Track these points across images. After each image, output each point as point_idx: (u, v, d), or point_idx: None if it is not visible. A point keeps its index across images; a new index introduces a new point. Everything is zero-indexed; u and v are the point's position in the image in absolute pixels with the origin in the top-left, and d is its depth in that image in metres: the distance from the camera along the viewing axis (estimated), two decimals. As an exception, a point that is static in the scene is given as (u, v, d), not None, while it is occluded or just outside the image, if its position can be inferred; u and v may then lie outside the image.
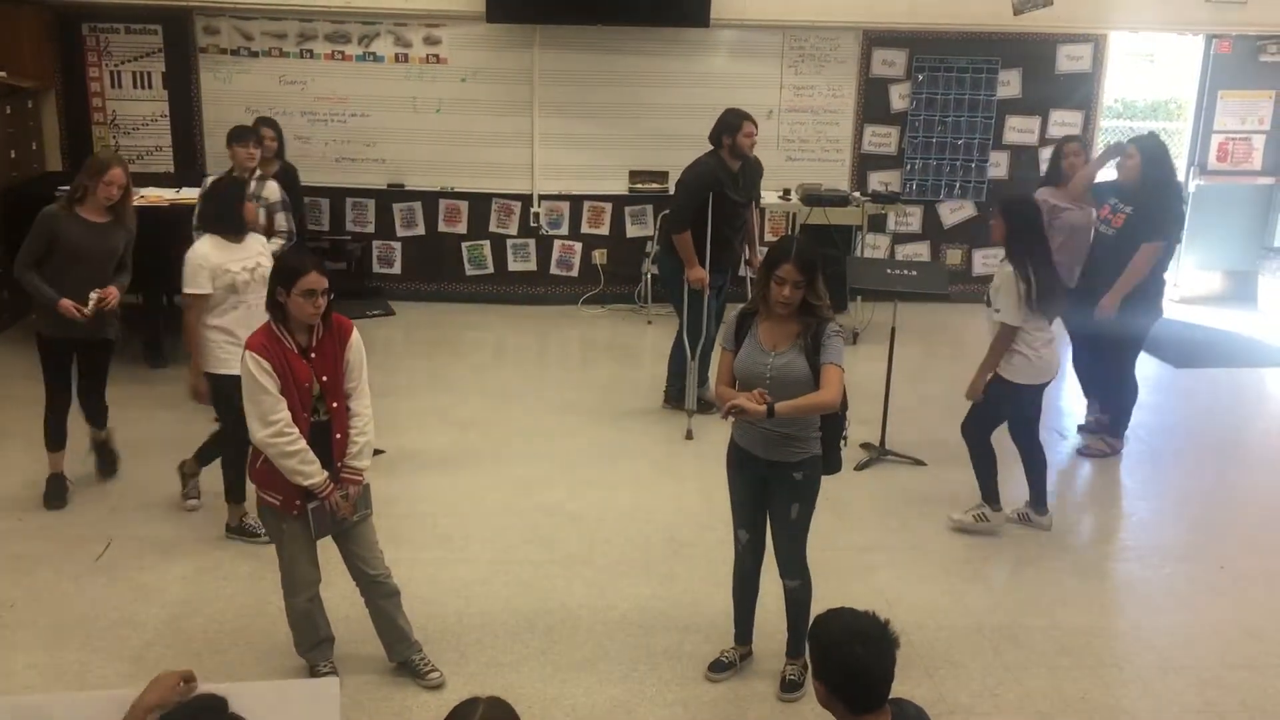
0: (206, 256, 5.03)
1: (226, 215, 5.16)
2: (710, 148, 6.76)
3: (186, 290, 5.05)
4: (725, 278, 6.95)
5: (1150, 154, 6.16)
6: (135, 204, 7.60)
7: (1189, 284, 10.11)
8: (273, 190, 6.60)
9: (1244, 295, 10.02)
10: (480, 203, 9.42)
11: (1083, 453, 6.64)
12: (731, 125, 6.68)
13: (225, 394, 4.91)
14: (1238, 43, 9.58)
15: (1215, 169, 9.89)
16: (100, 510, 5.58)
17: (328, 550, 4.18)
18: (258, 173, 6.70)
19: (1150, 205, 6.09)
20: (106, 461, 5.97)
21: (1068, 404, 7.89)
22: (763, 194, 7.63)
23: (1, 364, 7.68)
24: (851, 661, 2.59)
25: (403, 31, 9.15)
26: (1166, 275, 6.55)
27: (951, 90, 9.49)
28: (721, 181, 6.67)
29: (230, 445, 5.23)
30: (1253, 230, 10.04)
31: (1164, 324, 6.72)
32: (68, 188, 5.54)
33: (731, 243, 6.89)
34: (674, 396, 7.05)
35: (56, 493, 5.64)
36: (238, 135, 6.67)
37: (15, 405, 6.87)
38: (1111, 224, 6.26)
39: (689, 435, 6.72)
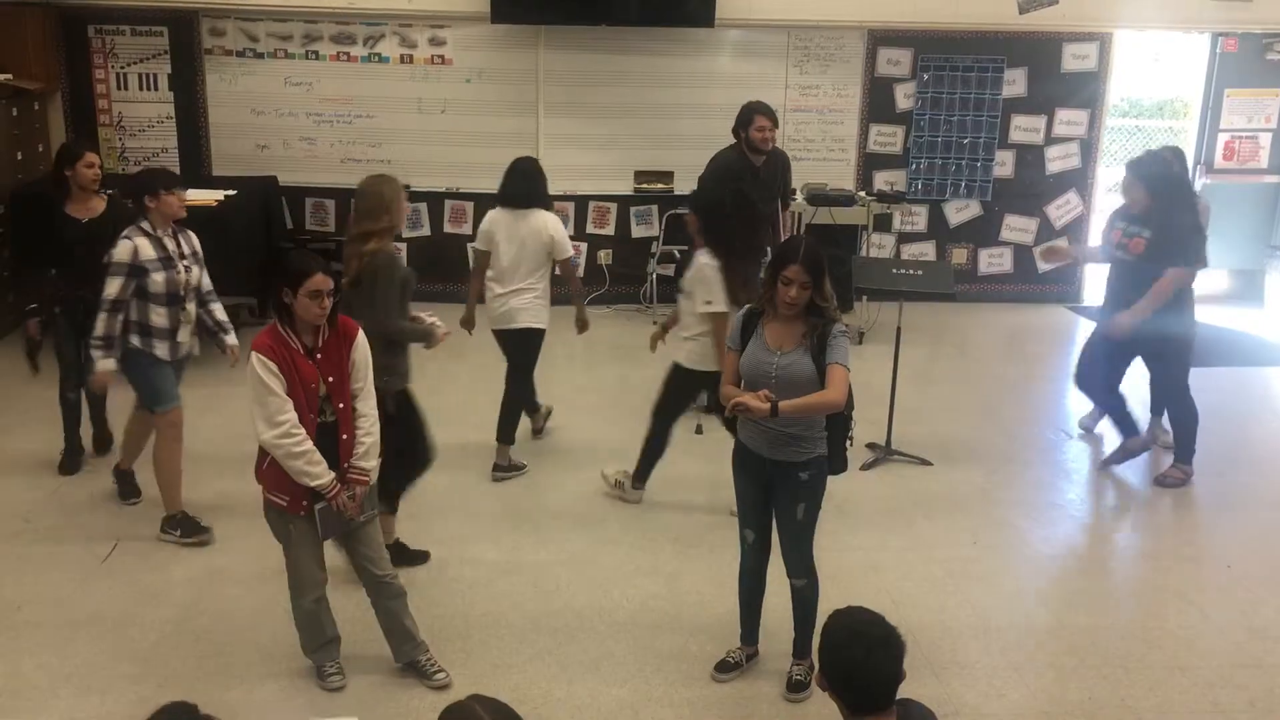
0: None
1: None
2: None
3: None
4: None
5: (1152, 178, 5.96)
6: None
7: (1196, 283, 10.07)
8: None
9: (1250, 294, 10.00)
10: (486, 203, 9.32)
11: (1160, 483, 6.22)
12: (744, 119, 6.66)
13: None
14: (1244, 41, 9.56)
15: (1222, 168, 9.87)
16: (107, 512, 5.58)
17: (335, 551, 4.19)
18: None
19: (1170, 228, 5.84)
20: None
21: (1073, 405, 7.89)
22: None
23: (10, 364, 7.68)
24: (853, 664, 2.59)
25: (408, 32, 9.16)
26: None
27: (957, 89, 9.48)
28: (739, 176, 6.63)
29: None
30: (1259, 229, 10.01)
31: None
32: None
33: (759, 241, 6.70)
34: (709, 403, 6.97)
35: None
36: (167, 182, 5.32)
37: (23, 405, 6.88)
38: (1129, 249, 6.00)
39: (699, 430, 6.74)
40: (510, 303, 6.00)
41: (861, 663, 2.58)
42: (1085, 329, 9.34)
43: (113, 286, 5.05)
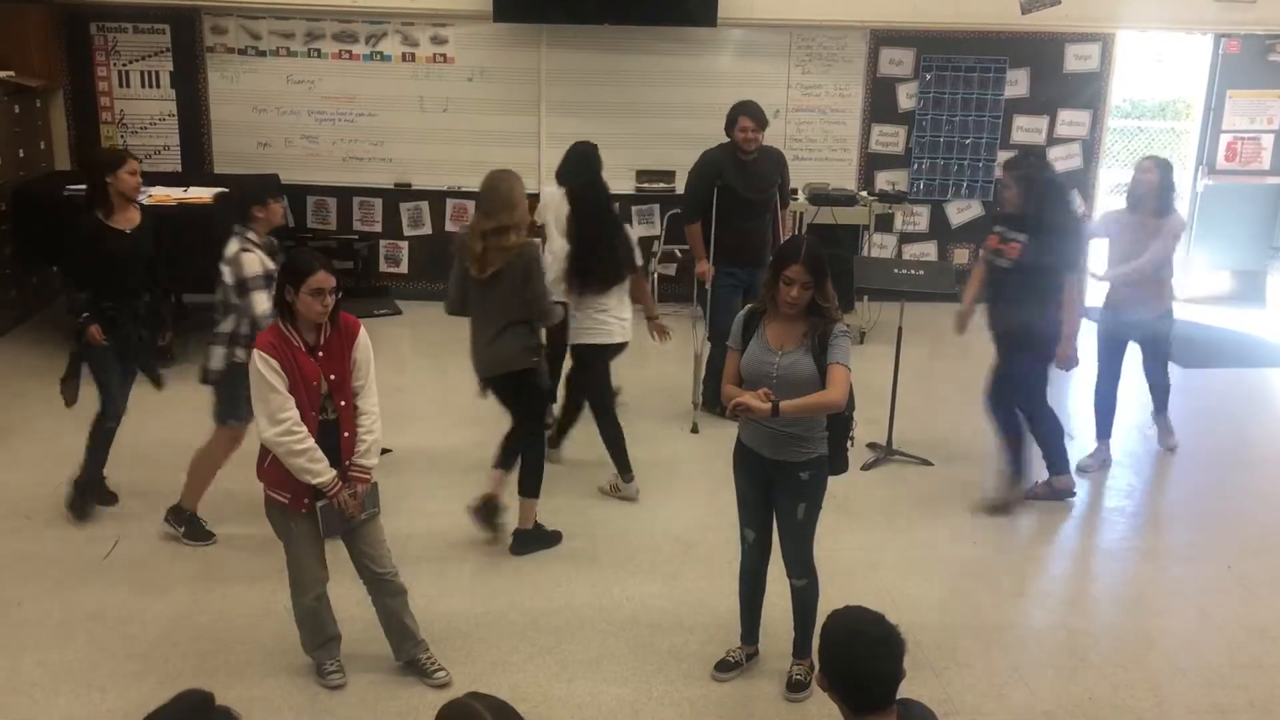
0: None
1: None
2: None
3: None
4: (745, 275, 6.67)
5: (1024, 179, 5.70)
6: (143, 203, 7.70)
7: (1197, 284, 10.08)
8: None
9: (1252, 295, 9.99)
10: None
11: (1028, 496, 5.96)
12: (730, 119, 6.64)
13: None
14: (1246, 42, 9.55)
15: (1224, 168, 9.86)
16: (108, 509, 5.58)
17: (335, 549, 4.19)
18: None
19: (1050, 235, 5.57)
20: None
21: (1074, 406, 7.88)
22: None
23: (12, 361, 7.70)
24: (854, 663, 2.59)
25: (410, 31, 9.16)
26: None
27: (959, 89, 9.47)
28: (724, 174, 6.62)
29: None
30: (1261, 230, 10.00)
31: (1172, 324, 6.65)
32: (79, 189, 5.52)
33: (748, 239, 6.73)
34: (709, 401, 6.99)
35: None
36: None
37: (25, 403, 6.89)
38: (1005, 254, 5.65)
39: (694, 429, 6.73)
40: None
41: (862, 662, 2.57)
42: (1086, 329, 9.33)
43: (263, 302, 4.87)
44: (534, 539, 5.32)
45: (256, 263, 4.99)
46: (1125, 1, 9.24)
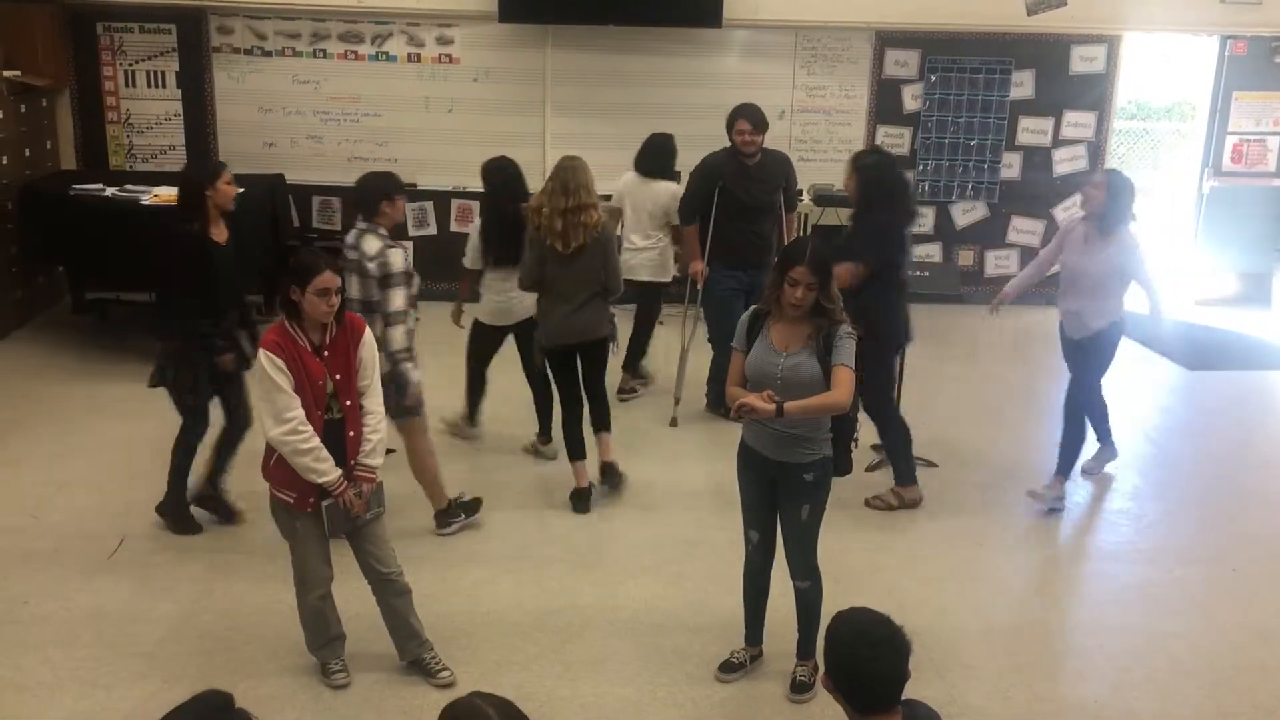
0: None
1: None
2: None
3: None
4: (747, 278, 6.64)
5: (863, 169, 5.75)
6: (149, 203, 7.73)
7: (1203, 286, 10.07)
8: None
9: (1258, 297, 9.98)
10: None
11: (868, 503, 5.88)
12: (728, 122, 6.62)
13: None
14: (1253, 44, 9.54)
15: (1229, 171, 9.85)
16: (114, 508, 5.59)
17: (339, 548, 4.19)
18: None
19: (862, 224, 5.69)
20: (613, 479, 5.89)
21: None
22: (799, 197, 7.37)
23: (17, 361, 7.72)
24: (859, 665, 2.59)
25: (415, 31, 9.16)
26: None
27: (964, 91, 9.46)
28: (724, 176, 6.61)
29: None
30: (1267, 232, 9.98)
31: (1177, 326, 6.65)
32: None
33: (750, 242, 6.70)
34: (714, 402, 7.00)
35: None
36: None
37: (31, 402, 6.91)
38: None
39: (674, 423, 6.82)
40: (631, 260, 7.05)
41: (868, 663, 2.57)
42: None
43: (400, 298, 5.00)
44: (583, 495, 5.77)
45: (400, 259, 5.06)
46: (1131, 3, 9.23)
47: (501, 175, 6.10)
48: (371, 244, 5.06)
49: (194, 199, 5.14)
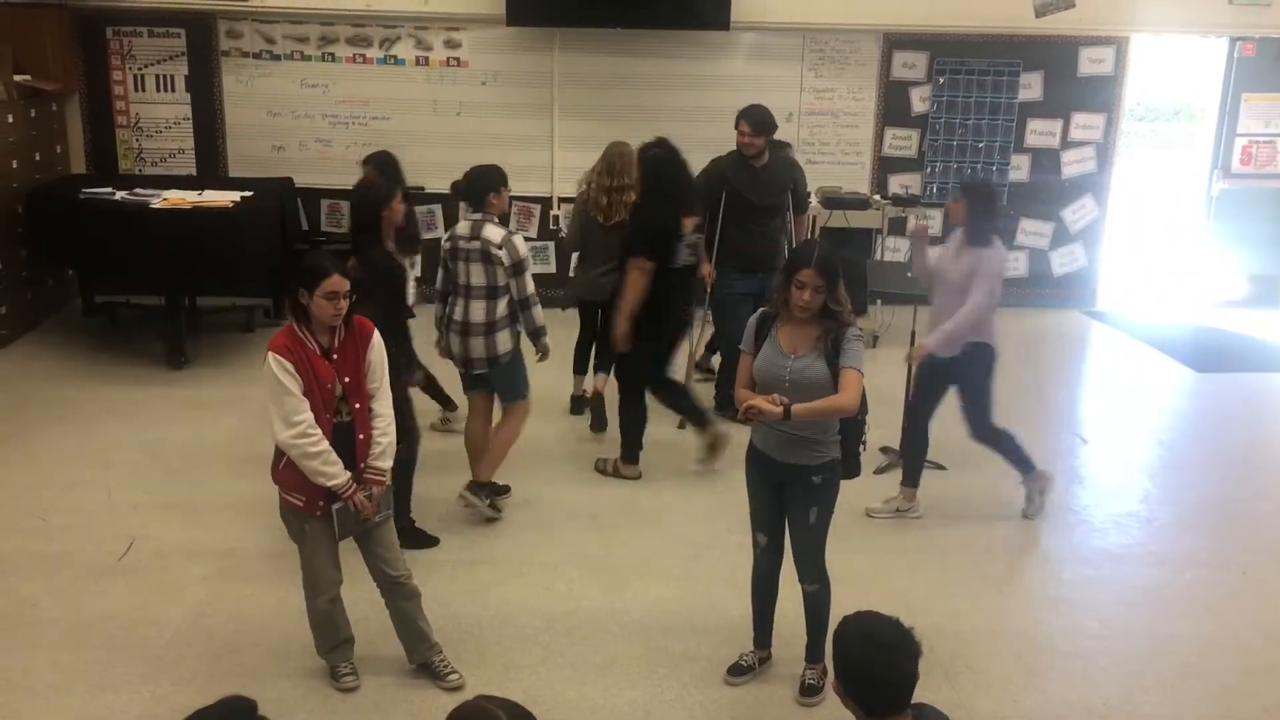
0: None
1: None
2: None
3: None
4: (755, 281, 6.66)
5: (646, 161, 5.91)
6: (158, 207, 7.75)
7: (1213, 288, 10.04)
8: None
9: (1268, 299, 9.95)
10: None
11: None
12: (735, 123, 6.65)
13: None
14: (1262, 45, 9.51)
15: (1239, 172, 9.82)
16: (123, 510, 5.61)
17: (349, 551, 4.20)
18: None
19: (638, 219, 5.89)
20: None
21: (1088, 410, 7.88)
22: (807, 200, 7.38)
23: (27, 364, 7.74)
24: (870, 667, 2.59)
25: (423, 35, 9.18)
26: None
27: (972, 93, 9.46)
28: (728, 179, 6.61)
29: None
30: (1277, 233, 9.93)
31: (1186, 328, 6.63)
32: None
33: (758, 244, 6.72)
34: (721, 405, 6.99)
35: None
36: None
37: (40, 405, 6.93)
38: None
39: (681, 425, 6.78)
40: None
41: (879, 665, 2.57)
42: (1100, 333, 9.34)
43: (532, 280, 5.40)
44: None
45: (524, 244, 5.39)
46: (1140, 4, 9.21)
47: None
48: (494, 232, 5.33)
49: (373, 219, 5.20)
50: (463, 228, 5.41)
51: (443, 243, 5.54)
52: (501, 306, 5.36)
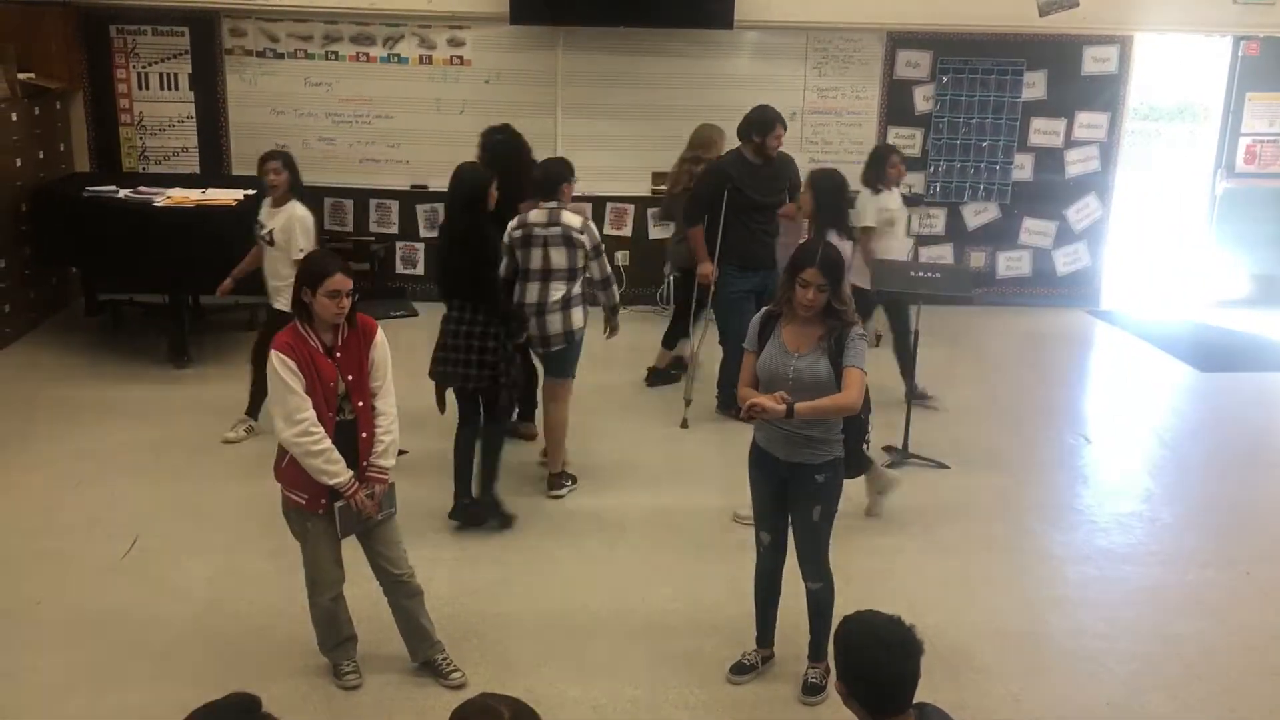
0: None
1: None
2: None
3: None
4: (757, 279, 6.68)
5: (492, 145, 6.20)
6: (162, 204, 7.75)
7: (1216, 288, 10.04)
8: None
9: (1272, 298, 9.93)
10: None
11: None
12: (763, 125, 6.61)
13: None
14: (1266, 44, 9.50)
15: (1243, 172, 9.81)
16: (126, 508, 5.62)
17: (352, 550, 4.20)
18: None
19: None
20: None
21: (1091, 409, 7.87)
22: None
23: (31, 363, 7.75)
24: (873, 666, 2.59)
25: (427, 33, 9.18)
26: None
27: (976, 92, 9.45)
28: (734, 177, 6.63)
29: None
30: (1280, 233, 9.95)
31: (1190, 328, 6.63)
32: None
33: (760, 242, 6.73)
34: (724, 404, 7.00)
35: None
36: None
37: (45, 404, 6.94)
38: None
39: (684, 424, 6.81)
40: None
41: (881, 664, 2.57)
42: (1103, 333, 9.34)
43: (607, 264, 5.84)
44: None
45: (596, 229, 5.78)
46: (1144, 4, 9.20)
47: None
48: (572, 218, 5.66)
49: (484, 196, 5.41)
50: (537, 215, 5.63)
51: (511, 231, 5.65)
52: (577, 286, 5.70)
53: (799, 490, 4.08)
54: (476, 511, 5.49)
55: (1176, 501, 6.16)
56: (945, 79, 9.43)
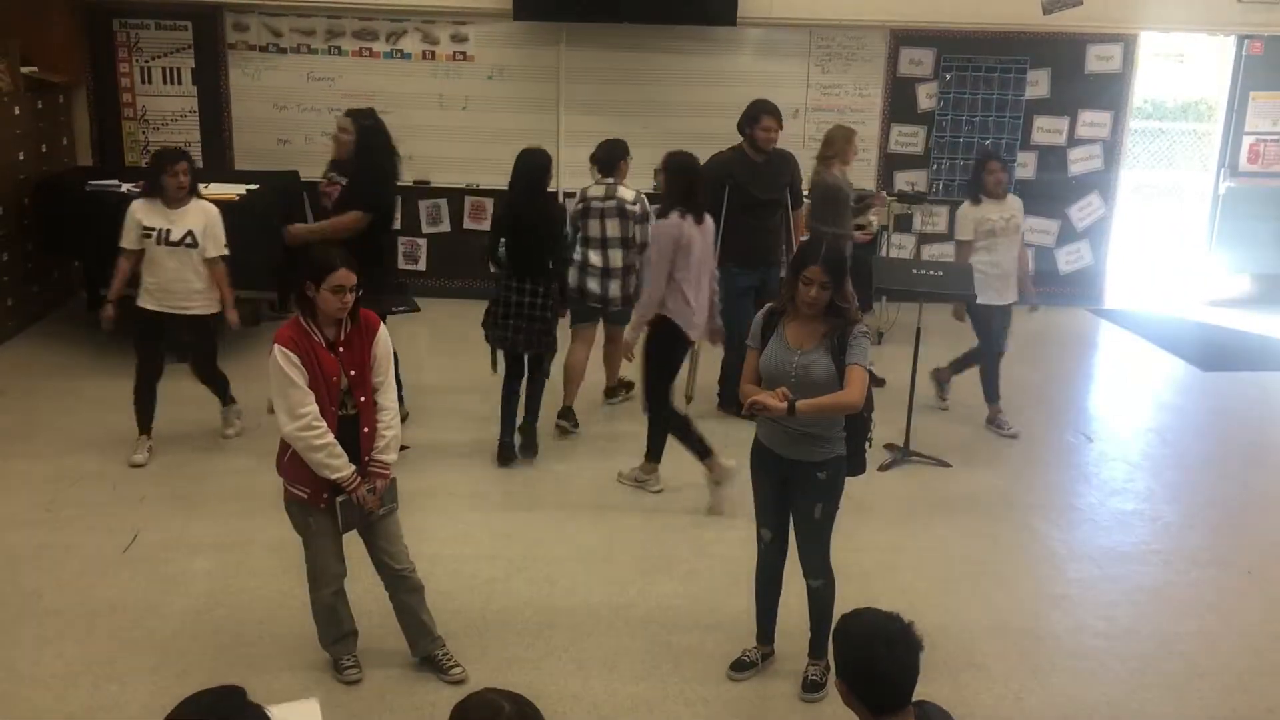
0: None
1: None
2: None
3: None
4: (756, 276, 6.72)
5: (363, 133, 6.30)
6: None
7: (1218, 287, 10.03)
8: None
9: (1274, 298, 9.93)
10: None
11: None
12: (751, 117, 6.67)
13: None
14: (1270, 43, 9.48)
15: (1246, 171, 9.80)
16: (128, 502, 5.62)
17: (353, 544, 4.20)
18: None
19: (359, 179, 6.22)
20: None
21: (1094, 408, 7.87)
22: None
23: (33, 355, 7.76)
24: (873, 663, 2.58)
25: (430, 29, 9.18)
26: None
27: (979, 90, 9.44)
28: (735, 174, 6.63)
29: None
30: (1283, 233, 9.93)
31: (1192, 327, 6.63)
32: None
33: (762, 240, 6.75)
34: (725, 401, 7.00)
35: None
36: None
37: (47, 397, 6.94)
38: (330, 196, 6.58)
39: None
40: None
41: (880, 661, 2.57)
42: (1106, 331, 9.34)
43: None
44: None
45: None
46: (1147, 2, 9.20)
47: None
48: (627, 192, 6.48)
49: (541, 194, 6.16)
50: (596, 190, 6.47)
51: (574, 205, 6.57)
52: (631, 254, 6.47)
53: (801, 487, 4.08)
54: (525, 445, 6.27)
55: (1178, 500, 6.16)
56: (948, 77, 9.42)
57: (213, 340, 6.29)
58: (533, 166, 6.07)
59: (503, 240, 6.06)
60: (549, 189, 6.38)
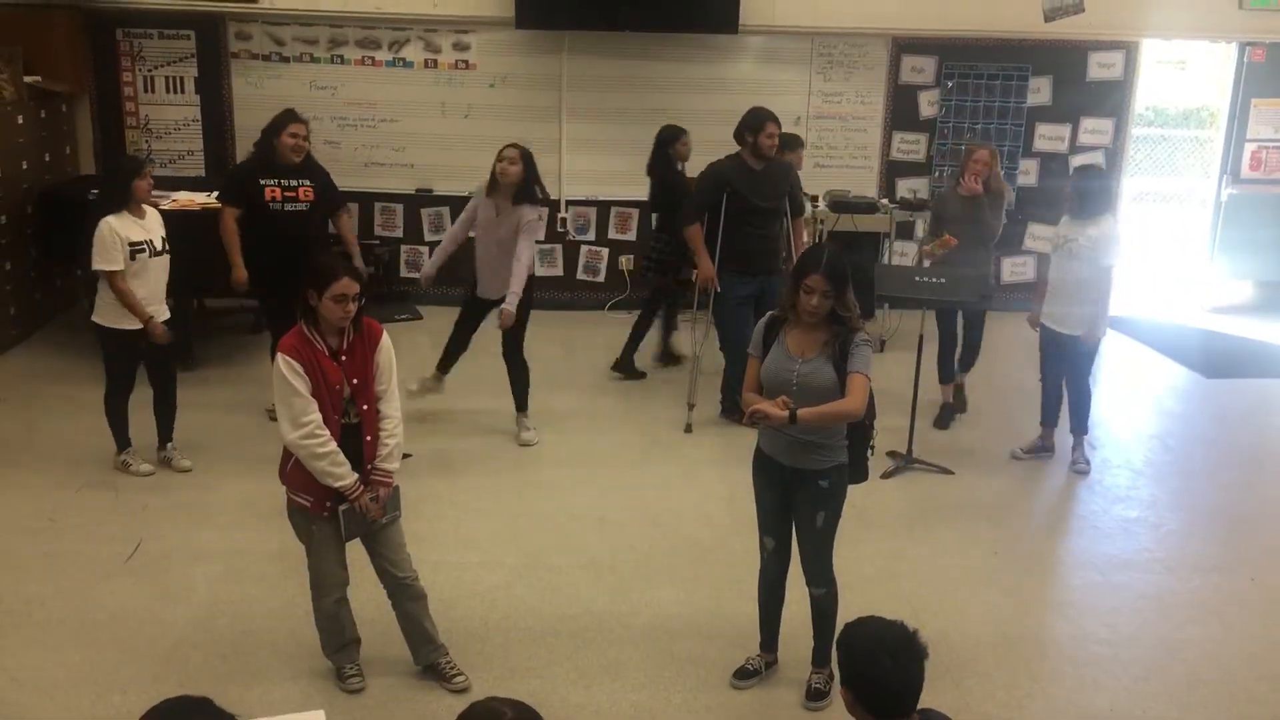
0: None
1: None
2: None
3: None
4: (755, 285, 6.70)
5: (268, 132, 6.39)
6: (166, 208, 7.74)
7: (1220, 293, 10.02)
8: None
9: (1276, 305, 9.92)
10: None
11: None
12: (753, 125, 6.63)
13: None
14: (1272, 51, 9.48)
15: (1248, 178, 9.79)
16: (130, 511, 5.62)
17: (355, 553, 4.21)
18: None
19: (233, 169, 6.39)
20: None
21: (1097, 416, 7.84)
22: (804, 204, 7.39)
23: (35, 364, 7.76)
24: (877, 672, 2.58)
25: (432, 37, 9.20)
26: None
27: (981, 97, 9.45)
28: (733, 182, 6.63)
29: None
30: (1285, 240, 9.91)
31: (1194, 334, 6.61)
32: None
33: (762, 248, 6.74)
34: (729, 409, 7.00)
35: None
36: None
37: (49, 406, 6.95)
38: (299, 198, 6.48)
39: (688, 429, 6.83)
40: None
41: (884, 669, 2.57)
42: (1108, 338, 9.28)
43: None
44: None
45: None
46: (1149, 9, 9.19)
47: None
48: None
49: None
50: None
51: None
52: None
53: (803, 496, 4.08)
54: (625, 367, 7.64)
55: (1181, 507, 6.15)
56: (950, 84, 9.43)
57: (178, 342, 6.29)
58: (665, 133, 7.69)
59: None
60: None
